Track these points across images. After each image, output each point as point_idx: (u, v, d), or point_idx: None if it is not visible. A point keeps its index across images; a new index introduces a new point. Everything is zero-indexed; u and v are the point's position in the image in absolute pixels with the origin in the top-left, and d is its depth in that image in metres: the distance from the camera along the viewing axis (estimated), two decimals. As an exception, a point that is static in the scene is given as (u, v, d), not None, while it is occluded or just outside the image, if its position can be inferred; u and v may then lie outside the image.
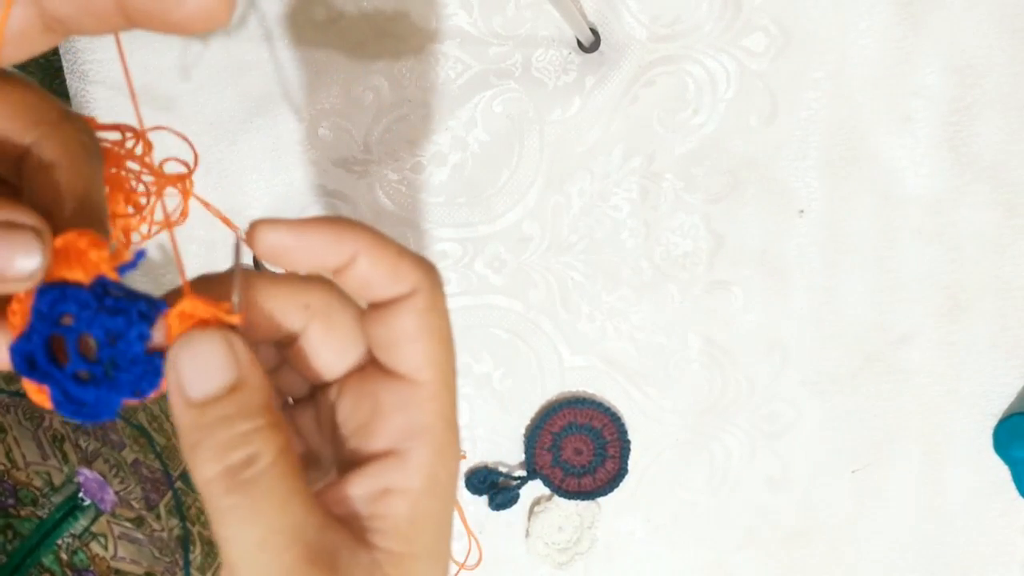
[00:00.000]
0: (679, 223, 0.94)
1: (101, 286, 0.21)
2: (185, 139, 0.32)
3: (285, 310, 0.25)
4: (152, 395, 0.23)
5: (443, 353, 0.25)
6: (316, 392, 0.28)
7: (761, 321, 0.96)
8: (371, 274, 0.25)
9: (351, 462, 0.26)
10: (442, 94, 0.93)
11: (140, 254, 0.22)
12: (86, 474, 0.44)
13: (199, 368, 0.22)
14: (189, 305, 0.22)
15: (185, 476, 0.55)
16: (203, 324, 0.22)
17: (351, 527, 0.24)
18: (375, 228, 0.25)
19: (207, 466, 0.22)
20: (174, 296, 0.23)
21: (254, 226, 0.24)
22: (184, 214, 0.32)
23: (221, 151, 0.94)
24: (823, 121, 0.94)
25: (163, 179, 0.29)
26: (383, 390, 0.25)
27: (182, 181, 0.30)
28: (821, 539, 0.98)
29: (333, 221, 0.25)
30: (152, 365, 0.22)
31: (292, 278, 0.26)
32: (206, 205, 0.34)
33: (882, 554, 0.98)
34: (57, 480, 0.43)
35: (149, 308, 0.22)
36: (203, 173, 0.90)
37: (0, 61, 0.22)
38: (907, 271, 0.96)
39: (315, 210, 0.92)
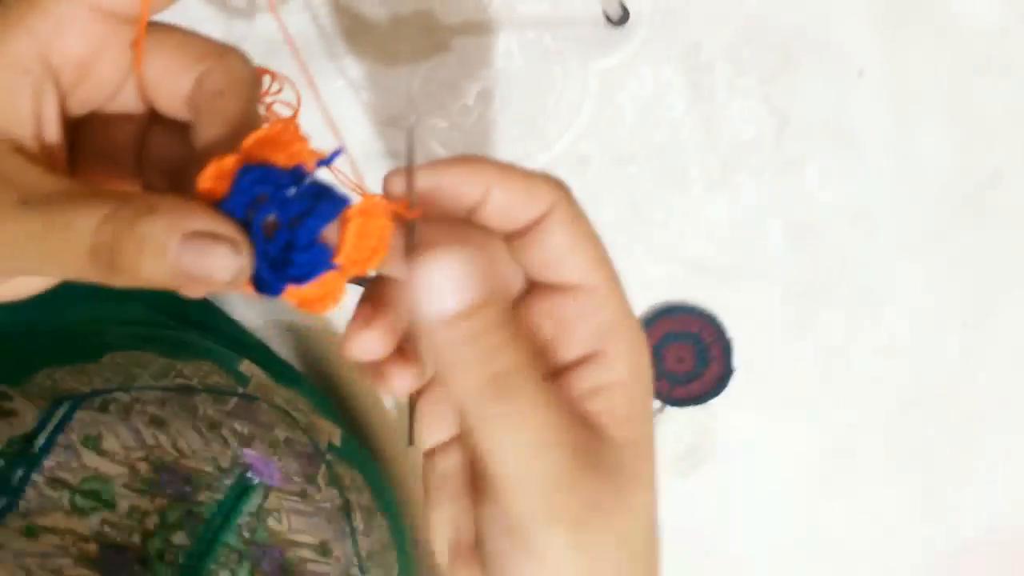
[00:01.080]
0: (738, 109, 0.93)
1: (300, 173, 0.23)
2: (289, 81, 0.33)
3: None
4: (313, 284, 0.24)
5: (602, 254, 0.26)
6: None
7: (841, 192, 0.94)
8: (508, 202, 0.25)
9: (550, 376, 0.27)
10: (474, 29, 0.92)
11: (337, 152, 0.23)
12: (251, 454, 0.47)
13: (450, 285, 0.23)
14: (369, 202, 0.23)
15: (332, 447, 0.57)
16: (375, 217, 0.24)
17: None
18: (495, 159, 0.26)
19: (472, 377, 0.23)
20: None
21: (389, 177, 0.25)
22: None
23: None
24: (866, -27, 0.92)
25: (273, 117, 0.29)
26: (558, 306, 0.26)
27: (290, 123, 0.30)
28: (941, 402, 0.98)
29: (461, 160, 0.25)
30: (322, 254, 0.23)
31: (451, 223, 0.26)
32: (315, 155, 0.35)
33: (1002, 408, 0.97)
34: (224, 463, 0.45)
35: (335, 200, 0.23)
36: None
37: (146, 12, 0.23)
38: (982, 109, 0.94)
39: (372, 174, 0.93)
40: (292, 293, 0.24)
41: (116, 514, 0.40)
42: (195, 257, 0.21)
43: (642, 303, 0.97)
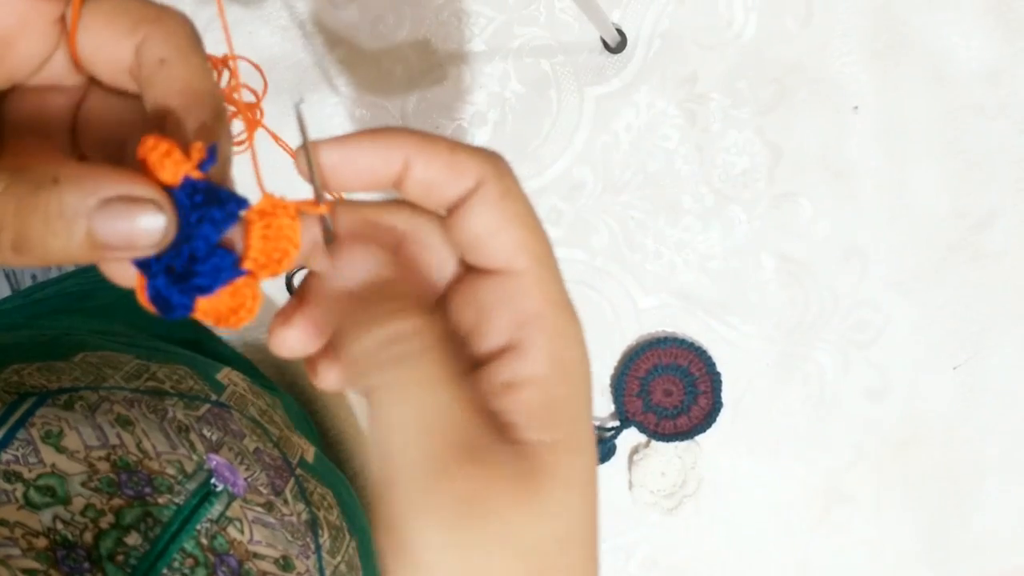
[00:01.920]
0: (732, 141, 0.94)
1: (189, 186, 0.22)
2: (259, 69, 0.32)
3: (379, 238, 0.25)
4: (224, 294, 0.23)
5: (531, 237, 0.24)
6: None
7: (833, 228, 0.95)
8: (428, 176, 0.24)
9: (469, 368, 0.25)
10: (470, 52, 0.93)
11: (212, 149, 0.22)
12: (216, 460, 0.45)
13: (345, 261, 0.23)
14: (268, 202, 0.23)
15: (304, 463, 0.56)
16: (277, 217, 0.23)
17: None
18: (423, 130, 0.24)
19: (358, 342, 0.22)
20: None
21: (299, 151, 0.24)
22: (250, 142, 0.32)
23: (263, 145, 0.95)
24: (862, 12, 0.93)
25: (237, 105, 0.29)
26: (483, 290, 0.24)
27: (251, 110, 0.30)
28: (933, 443, 0.97)
29: (376, 131, 0.24)
30: (226, 259, 0.23)
31: (374, 204, 0.25)
32: (274, 137, 0.34)
33: (1000, 447, 0.96)
34: (188, 467, 0.44)
35: (228, 204, 0.22)
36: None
37: None
38: (976, 151, 0.94)
39: (362, 193, 0.93)
40: (204, 308, 0.23)
41: (70, 511, 0.38)
42: (113, 225, 0.20)
43: (631, 334, 0.96)
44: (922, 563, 0.97)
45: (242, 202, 0.22)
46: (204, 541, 0.42)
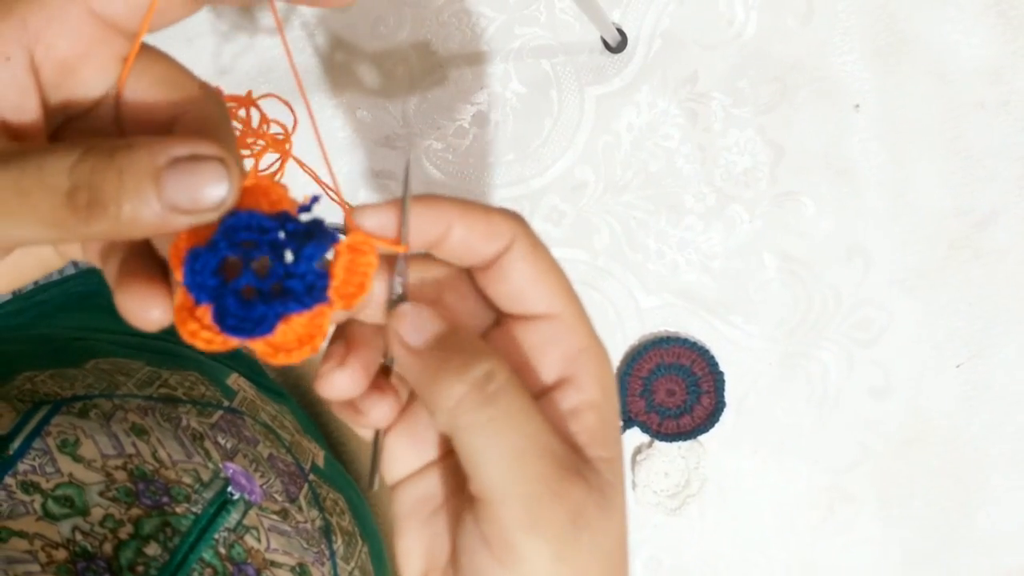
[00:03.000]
0: (734, 140, 0.94)
1: (285, 217, 0.24)
2: (287, 104, 0.33)
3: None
4: (301, 322, 0.24)
5: (563, 282, 0.28)
6: None
7: (836, 227, 0.96)
8: (469, 237, 0.26)
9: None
10: (471, 52, 0.94)
11: (315, 199, 0.24)
12: (233, 468, 0.46)
13: (414, 322, 0.26)
14: (357, 237, 0.25)
15: (316, 469, 0.57)
16: (363, 253, 0.25)
17: None
18: (457, 197, 0.27)
19: (453, 389, 0.24)
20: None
21: (356, 212, 0.26)
22: (281, 172, 0.34)
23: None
24: (863, 9, 0.94)
25: (266, 139, 0.30)
26: (527, 334, 0.27)
27: (282, 145, 0.31)
28: (937, 442, 0.98)
29: (424, 199, 0.26)
30: (321, 282, 0.24)
31: (423, 258, 0.28)
32: (302, 165, 0.36)
33: (1004, 445, 0.97)
34: (205, 476, 0.45)
35: (328, 234, 0.24)
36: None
37: (144, 31, 0.23)
38: (977, 148, 0.95)
39: (365, 193, 0.94)
40: (280, 334, 0.24)
41: (89, 521, 0.39)
42: (182, 182, 0.21)
43: (633, 333, 0.97)
44: (928, 561, 0.98)
45: (337, 236, 0.24)
46: (222, 550, 0.42)
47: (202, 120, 0.24)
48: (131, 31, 0.24)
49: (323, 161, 0.30)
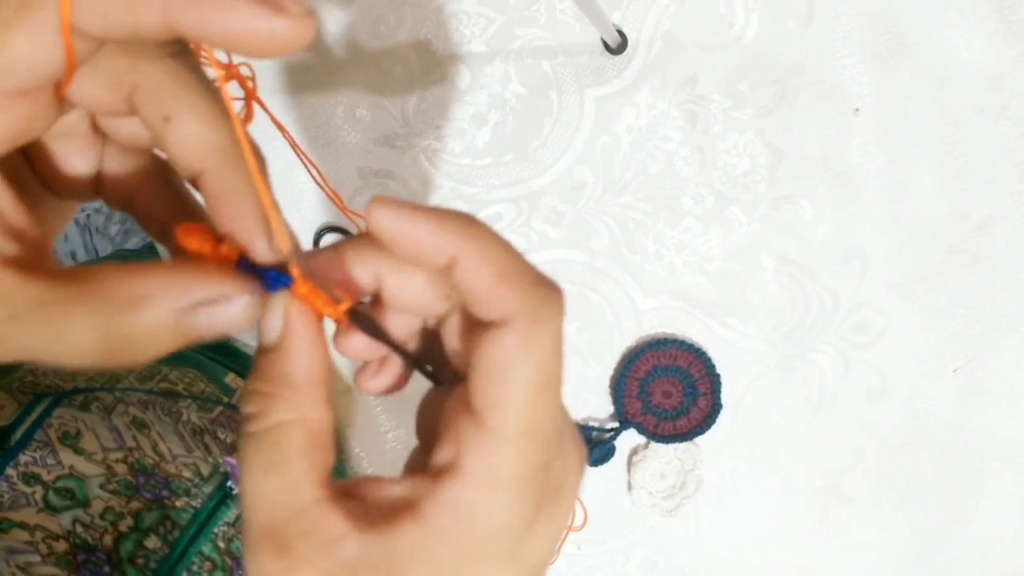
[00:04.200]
0: (733, 143, 0.95)
1: (244, 261, 0.25)
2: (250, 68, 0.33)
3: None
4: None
5: (524, 402, 0.23)
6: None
7: (834, 230, 0.97)
8: (467, 286, 0.24)
9: (420, 461, 0.27)
10: (470, 53, 0.95)
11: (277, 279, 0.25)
12: (233, 463, 0.47)
13: (265, 318, 0.25)
14: (305, 292, 0.25)
15: None
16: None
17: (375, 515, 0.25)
18: (492, 233, 0.25)
19: (242, 402, 0.25)
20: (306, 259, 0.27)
21: (372, 202, 0.25)
22: (249, 116, 0.32)
23: (264, 148, 0.96)
24: (864, 13, 0.95)
25: (228, 69, 0.29)
26: (459, 414, 0.25)
27: (244, 80, 0.30)
28: (932, 446, 0.99)
29: (444, 215, 0.24)
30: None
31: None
32: (264, 107, 0.34)
33: (1000, 450, 0.99)
34: (205, 470, 0.46)
35: (274, 280, 0.25)
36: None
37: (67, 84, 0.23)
38: (976, 153, 0.96)
39: (365, 194, 0.95)
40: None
41: (89, 514, 0.40)
42: (204, 322, 0.22)
43: (631, 335, 0.98)
44: (922, 565, 0.99)
45: (286, 280, 0.26)
46: (221, 544, 0.43)
47: (162, 91, 0.23)
48: (49, 80, 0.23)
49: (320, 159, 0.31)
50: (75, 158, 0.25)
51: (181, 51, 0.24)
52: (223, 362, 0.59)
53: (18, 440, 0.40)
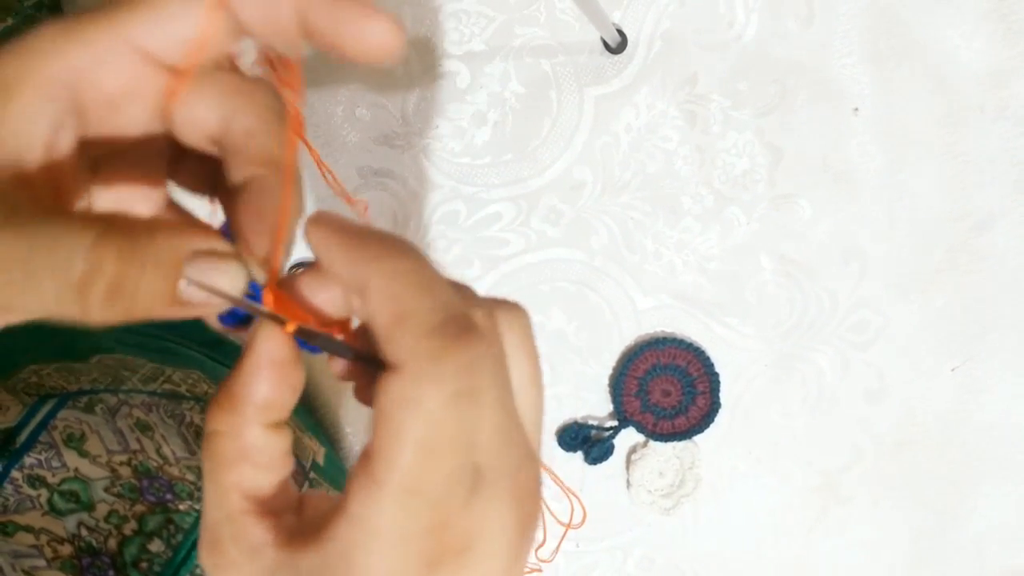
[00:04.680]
0: (732, 142, 0.96)
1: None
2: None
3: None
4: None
5: (408, 458, 0.22)
6: None
7: (833, 230, 0.97)
8: (369, 321, 0.23)
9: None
10: (470, 52, 0.95)
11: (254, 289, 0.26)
12: None
13: (250, 339, 0.25)
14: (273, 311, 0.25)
15: (317, 466, 0.58)
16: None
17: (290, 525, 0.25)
18: (409, 268, 0.23)
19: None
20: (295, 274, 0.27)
21: (309, 219, 0.25)
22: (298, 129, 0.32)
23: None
24: (863, 13, 0.95)
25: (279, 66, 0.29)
26: (362, 453, 0.24)
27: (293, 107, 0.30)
28: (930, 445, 1.00)
29: (363, 241, 0.23)
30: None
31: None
32: (311, 148, 0.34)
33: (997, 449, 0.99)
34: None
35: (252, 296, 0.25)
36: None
37: (192, 71, 0.24)
38: (976, 153, 0.97)
39: (364, 193, 0.95)
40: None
41: (94, 517, 0.40)
42: (201, 277, 0.21)
43: (630, 334, 0.99)
44: (919, 564, 1.00)
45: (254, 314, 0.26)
46: None
47: (256, 118, 0.25)
48: (174, 64, 0.24)
49: (321, 157, 0.31)
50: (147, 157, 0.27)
51: (270, 90, 0.26)
52: (225, 363, 0.60)
53: (23, 442, 0.41)
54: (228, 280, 0.22)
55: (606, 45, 0.94)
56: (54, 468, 0.41)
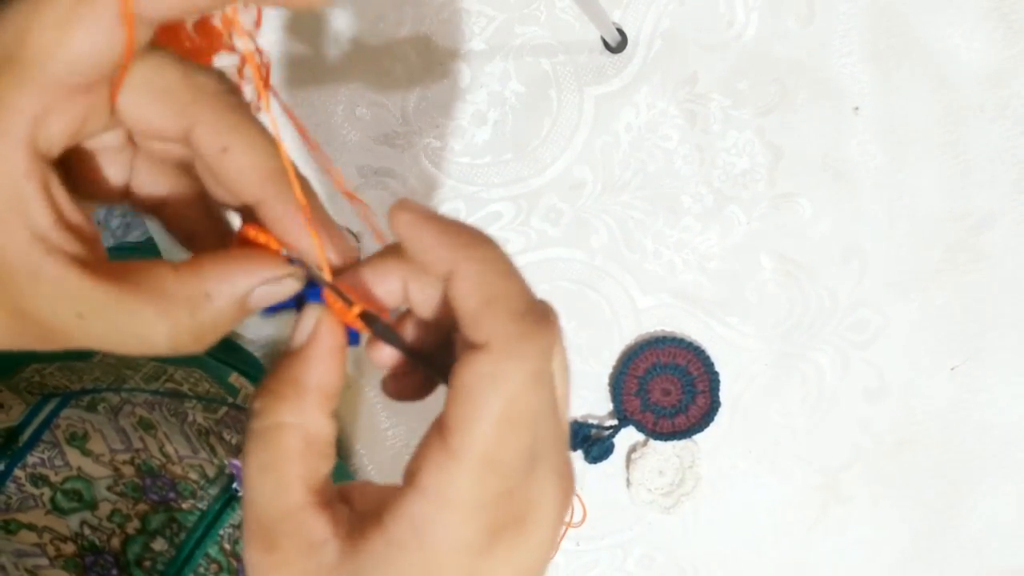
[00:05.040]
0: (732, 142, 0.96)
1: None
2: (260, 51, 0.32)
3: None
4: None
5: (487, 430, 0.23)
6: None
7: (833, 229, 0.97)
8: (456, 304, 0.24)
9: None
10: (470, 51, 0.95)
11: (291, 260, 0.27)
12: (238, 464, 0.48)
13: (297, 326, 0.26)
14: (332, 303, 0.27)
15: None
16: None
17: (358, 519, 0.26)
18: (494, 254, 0.25)
19: (252, 397, 0.26)
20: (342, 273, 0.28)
21: (394, 205, 0.26)
22: (265, 104, 0.32)
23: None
24: (864, 12, 0.95)
25: (247, 59, 0.29)
26: (433, 428, 0.25)
27: (259, 66, 0.30)
28: (930, 444, 1.00)
29: (451, 227, 0.25)
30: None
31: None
32: (283, 107, 0.33)
33: (997, 448, 1.00)
34: (210, 472, 0.47)
35: (308, 292, 0.27)
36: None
37: (120, 85, 0.24)
38: (976, 152, 0.97)
39: (364, 193, 0.95)
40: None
41: (97, 516, 0.41)
42: (260, 301, 0.24)
43: (630, 333, 0.99)
44: (919, 563, 1.00)
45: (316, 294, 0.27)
46: (227, 546, 0.44)
47: (219, 123, 0.25)
48: (108, 73, 0.24)
49: (326, 157, 0.31)
50: (108, 166, 0.27)
51: (233, 88, 0.26)
52: (227, 361, 0.60)
53: (26, 441, 0.41)
54: (288, 291, 0.24)
55: (606, 44, 0.94)
56: (57, 467, 0.41)
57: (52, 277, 0.22)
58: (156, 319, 0.22)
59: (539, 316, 0.24)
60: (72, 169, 0.26)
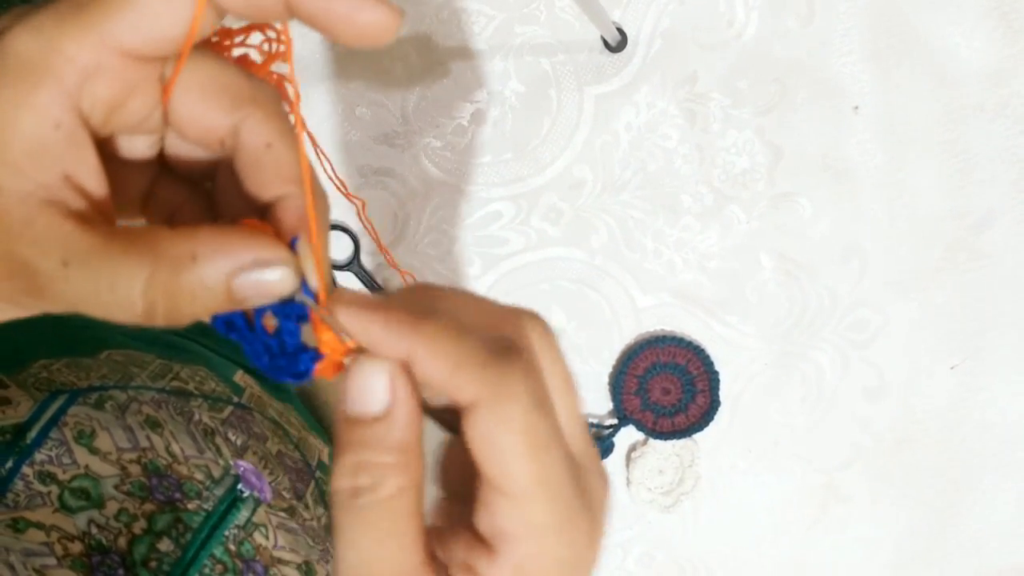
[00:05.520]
0: (732, 141, 0.97)
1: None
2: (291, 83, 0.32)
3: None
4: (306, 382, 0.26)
5: (524, 465, 0.24)
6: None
7: (833, 228, 0.98)
8: (428, 380, 0.24)
9: (464, 510, 0.27)
10: (470, 50, 0.96)
11: (294, 240, 0.26)
12: (243, 465, 0.48)
13: (359, 388, 0.25)
14: (328, 337, 0.26)
15: (323, 465, 0.59)
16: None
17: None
18: (443, 324, 0.24)
19: (338, 478, 0.25)
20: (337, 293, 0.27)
21: (331, 298, 0.25)
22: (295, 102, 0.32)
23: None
24: (864, 11, 0.96)
25: (273, 56, 0.29)
26: (482, 489, 0.25)
27: (285, 84, 0.30)
28: (929, 443, 1.01)
29: (392, 317, 0.24)
30: (302, 360, 0.26)
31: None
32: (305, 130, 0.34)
33: (996, 447, 1.00)
34: (216, 472, 0.47)
35: (302, 313, 0.26)
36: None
37: (184, 59, 0.25)
38: (976, 151, 0.98)
39: (364, 192, 0.96)
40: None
41: (104, 515, 0.41)
42: (249, 285, 0.23)
43: (630, 332, 1.00)
44: (919, 562, 1.01)
45: (303, 314, 0.26)
46: (232, 547, 0.45)
47: (271, 126, 0.26)
48: (166, 53, 0.25)
49: (326, 157, 0.32)
50: (130, 176, 0.27)
51: (279, 96, 0.27)
52: (232, 358, 0.60)
53: (34, 438, 0.41)
54: (273, 282, 0.23)
55: (606, 44, 0.95)
56: (65, 465, 0.42)
57: (45, 223, 0.23)
58: (136, 270, 0.22)
59: (504, 350, 0.24)
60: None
